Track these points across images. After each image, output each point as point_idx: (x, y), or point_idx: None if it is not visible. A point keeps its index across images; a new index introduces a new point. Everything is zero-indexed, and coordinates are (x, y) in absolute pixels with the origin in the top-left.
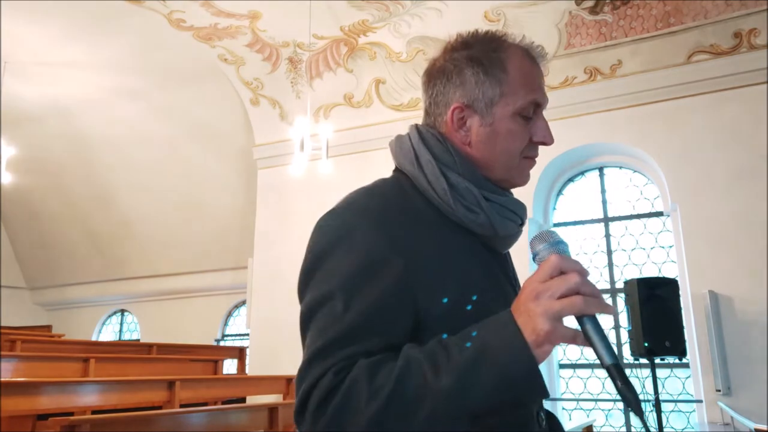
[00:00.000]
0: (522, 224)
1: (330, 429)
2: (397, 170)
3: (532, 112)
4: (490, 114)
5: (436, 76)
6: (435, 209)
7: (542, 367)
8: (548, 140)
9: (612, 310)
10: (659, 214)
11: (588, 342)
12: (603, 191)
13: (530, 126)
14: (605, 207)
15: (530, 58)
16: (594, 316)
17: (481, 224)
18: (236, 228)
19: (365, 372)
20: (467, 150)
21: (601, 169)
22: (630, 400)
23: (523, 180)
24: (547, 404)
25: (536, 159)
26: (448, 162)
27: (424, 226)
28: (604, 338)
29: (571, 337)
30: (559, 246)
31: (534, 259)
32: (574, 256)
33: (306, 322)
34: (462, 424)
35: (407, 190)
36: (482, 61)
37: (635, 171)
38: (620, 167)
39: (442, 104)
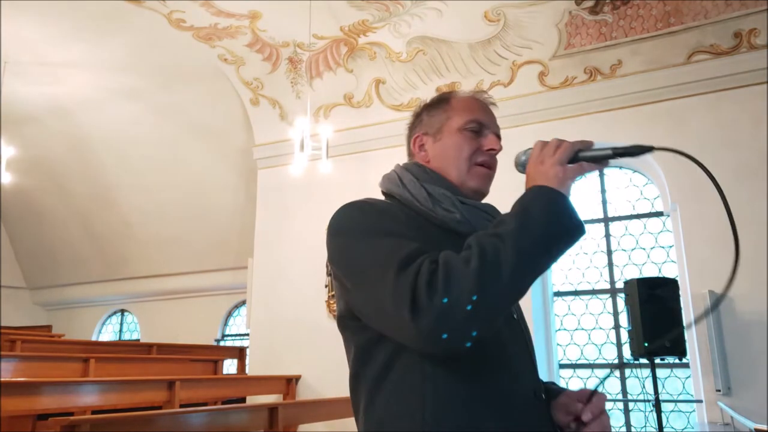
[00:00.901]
0: None
1: (446, 297)
2: (387, 197)
3: (478, 127)
4: (440, 133)
5: (408, 129)
6: (421, 218)
7: (542, 368)
8: (496, 146)
9: (591, 143)
10: (659, 214)
11: (591, 161)
12: (603, 191)
13: (480, 139)
14: (605, 207)
15: (473, 97)
16: (582, 149)
17: (459, 221)
18: (236, 228)
19: (450, 254)
20: (431, 166)
21: (601, 169)
22: (635, 151)
23: (478, 183)
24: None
25: (491, 169)
26: (425, 178)
27: (413, 226)
28: (597, 149)
29: (580, 168)
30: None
31: (524, 168)
32: (573, 256)
33: (361, 281)
34: (542, 256)
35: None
36: (432, 104)
37: (635, 171)
38: (620, 167)
39: (410, 141)
